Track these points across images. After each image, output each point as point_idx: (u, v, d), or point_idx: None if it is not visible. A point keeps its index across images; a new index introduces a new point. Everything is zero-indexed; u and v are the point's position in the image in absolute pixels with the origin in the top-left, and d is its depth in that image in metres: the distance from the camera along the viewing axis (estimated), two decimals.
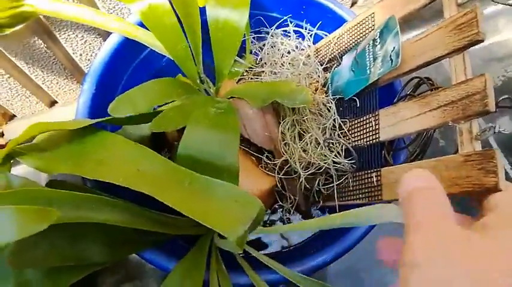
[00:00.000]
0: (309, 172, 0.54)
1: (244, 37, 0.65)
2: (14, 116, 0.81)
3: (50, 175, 0.50)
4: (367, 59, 0.51)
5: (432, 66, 0.46)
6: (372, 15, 0.54)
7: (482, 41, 0.39)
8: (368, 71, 0.50)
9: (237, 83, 0.66)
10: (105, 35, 0.71)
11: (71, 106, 0.82)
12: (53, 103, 0.83)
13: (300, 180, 0.54)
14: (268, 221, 0.62)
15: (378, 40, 0.49)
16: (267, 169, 0.57)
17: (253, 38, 0.67)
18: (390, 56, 0.46)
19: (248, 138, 0.57)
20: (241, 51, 0.66)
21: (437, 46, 0.43)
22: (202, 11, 0.60)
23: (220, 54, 0.60)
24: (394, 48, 0.46)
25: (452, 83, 0.41)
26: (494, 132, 0.38)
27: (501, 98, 0.39)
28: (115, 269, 0.70)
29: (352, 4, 0.90)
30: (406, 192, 0.32)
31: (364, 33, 0.55)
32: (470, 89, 0.38)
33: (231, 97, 0.58)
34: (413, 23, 0.92)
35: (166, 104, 0.56)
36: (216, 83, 0.63)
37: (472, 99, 0.38)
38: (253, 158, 0.58)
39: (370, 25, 0.54)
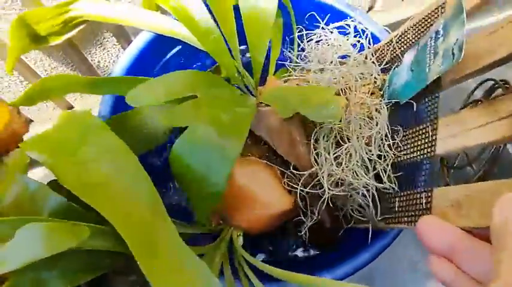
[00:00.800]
0: (338, 190, 0.45)
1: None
2: (31, 121, 0.80)
3: None
4: (428, 55, 0.42)
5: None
6: (443, 5, 0.45)
7: None
8: (427, 69, 0.41)
9: (285, 82, 0.58)
10: (123, 42, 0.70)
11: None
12: (69, 108, 0.81)
13: (324, 197, 0.45)
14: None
15: (441, 32, 0.40)
16: (290, 183, 0.49)
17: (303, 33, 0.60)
18: (452, 49, 0.37)
19: (275, 149, 0.49)
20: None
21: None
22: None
23: (253, 41, 0.54)
24: (457, 40, 0.37)
25: None
26: None
27: None
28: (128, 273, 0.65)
29: (369, 9, 0.84)
30: (501, 223, 0.27)
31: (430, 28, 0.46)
32: None
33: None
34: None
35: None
36: (253, 74, 0.56)
37: None
38: (278, 172, 0.51)
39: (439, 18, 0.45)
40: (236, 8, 0.54)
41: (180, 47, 0.60)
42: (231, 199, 0.48)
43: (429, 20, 0.47)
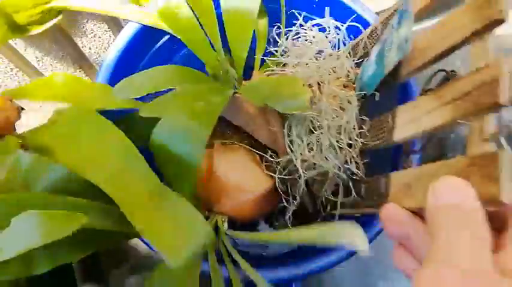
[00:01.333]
0: (313, 174, 0.48)
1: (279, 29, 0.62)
2: (22, 109, 0.81)
3: None
4: (387, 49, 0.45)
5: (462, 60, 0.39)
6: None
7: (503, 21, 0.32)
8: (385, 61, 0.44)
9: (267, 76, 0.61)
10: (114, 28, 0.71)
11: None
12: None
13: (301, 180, 0.48)
14: (277, 223, 0.59)
15: (395, 27, 0.43)
16: (270, 169, 0.52)
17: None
18: (403, 42, 0.40)
19: (252, 135, 0.52)
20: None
21: (457, 31, 0.36)
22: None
23: (233, 37, 0.57)
24: (405, 33, 0.40)
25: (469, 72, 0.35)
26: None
27: None
28: (122, 259, 0.67)
29: None
30: (433, 207, 0.29)
31: None
32: (482, 76, 0.32)
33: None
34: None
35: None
36: (236, 69, 0.59)
37: (483, 90, 0.31)
38: (257, 156, 0.54)
39: None
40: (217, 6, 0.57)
41: (169, 36, 0.61)
42: (215, 186, 0.51)
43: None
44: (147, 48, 0.61)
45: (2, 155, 0.41)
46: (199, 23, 0.57)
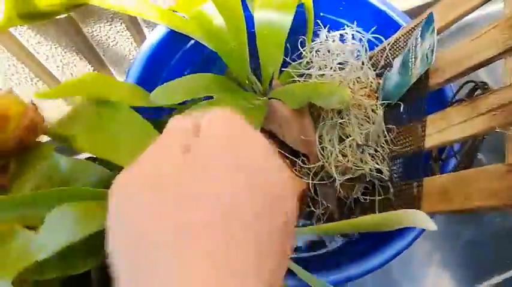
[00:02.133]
0: (346, 178, 0.50)
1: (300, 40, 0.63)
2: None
3: None
4: (410, 60, 0.47)
5: (486, 73, 0.42)
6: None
7: None
8: (410, 72, 0.47)
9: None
10: (136, 36, 0.71)
11: None
12: None
13: (335, 185, 0.51)
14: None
15: (419, 39, 0.46)
16: (301, 173, 0.54)
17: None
18: (426, 54, 0.43)
19: (283, 141, 0.54)
20: (299, 55, 0.64)
21: (491, 46, 0.39)
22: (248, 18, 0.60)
23: (264, 52, 0.59)
24: (429, 46, 0.43)
25: (506, 85, 0.37)
26: None
27: None
28: None
29: None
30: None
31: None
32: None
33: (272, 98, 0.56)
34: None
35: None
36: (262, 82, 0.61)
37: None
38: (287, 161, 0.55)
39: None
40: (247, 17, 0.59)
41: (194, 41, 0.62)
42: None
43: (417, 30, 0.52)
44: (173, 51, 0.63)
45: (38, 161, 0.43)
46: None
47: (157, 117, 0.53)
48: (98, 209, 0.35)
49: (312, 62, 0.62)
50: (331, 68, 0.59)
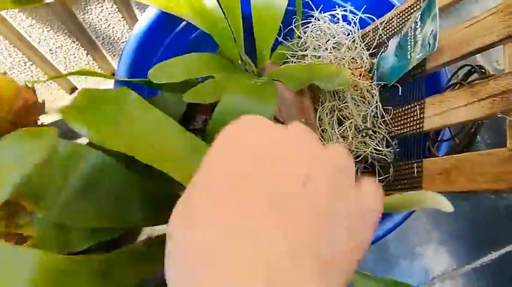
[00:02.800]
0: None
1: (293, 20, 0.64)
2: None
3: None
4: (409, 43, 0.48)
5: (481, 56, 0.43)
6: None
7: None
8: (408, 56, 0.48)
9: (281, 66, 0.64)
10: (127, 18, 0.71)
11: None
12: (73, 89, 0.83)
13: None
14: None
15: (419, 23, 0.47)
16: None
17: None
18: (428, 39, 0.44)
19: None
20: (289, 35, 0.65)
21: (491, 32, 0.40)
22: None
23: (261, 34, 0.60)
24: (432, 31, 0.44)
25: (505, 71, 0.39)
26: None
27: None
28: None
29: None
30: None
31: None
32: None
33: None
34: None
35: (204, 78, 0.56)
36: (257, 63, 0.61)
37: None
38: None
39: (420, 8, 0.52)
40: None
41: (185, 23, 0.63)
42: None
43: (412, 10, 0.53)
44: (165, 33, 0.63)
45: (39, 140, 0.43)
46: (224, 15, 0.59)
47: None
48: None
49: (305, 43, 0.63)
50: (326, 49, 0.60)
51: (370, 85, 0.55)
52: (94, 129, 0.40)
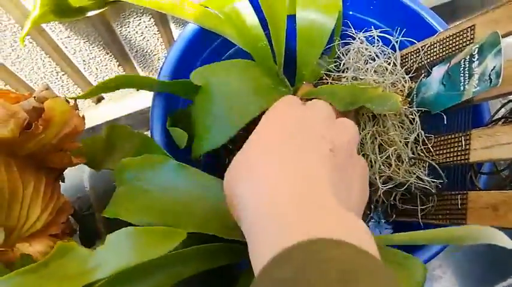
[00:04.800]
0: (388, 187, 0.51)
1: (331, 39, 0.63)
2: None
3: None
4: (461, 74, 0.48)
5: None
6: (472, 28, 0.51)
7: None
8: (462, 88, 0.47)
9: (314, 86, 0.63)
10: (163, 32, 0.71)
11: (116, 103, 0.82)
12: (99, 99, 0.83)
13: (378, 193, 0.52)
14: None
15: (476, 56, 0.46)
16: None
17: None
18: (490, 75, 0.43)
19: None
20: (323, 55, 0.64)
21: None
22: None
23: (304, 53, 0.60)
24: (494, 67, 0.43)
25: None
26: None
27: None
28: None
29: None
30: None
31: (459, 45, 0.52)
32: None
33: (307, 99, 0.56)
34: None
35: None
36: (295, 83, 0.61)
37: None
38: None
39: (468, 38, 0.51)
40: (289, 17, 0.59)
41: (221, 39, 0.62)
42: None
43: (457, 39, 0.53)
44: (202, 50, 0.63)
45: None
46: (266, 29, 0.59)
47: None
48: (159, 238, 0.36)
49: (343, 63, 0.62)
50: (365, 71, 0.60)
51: (410, 110, 0.55)
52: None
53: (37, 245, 0.48)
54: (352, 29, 0.64)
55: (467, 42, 0.51)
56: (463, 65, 0.48)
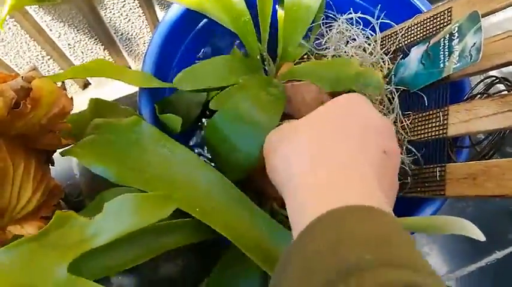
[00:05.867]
0: None
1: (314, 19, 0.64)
2: None
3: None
4: (441, 53, 0.50)
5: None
6: (449, 10, 0.53)
7: None
8: (441, 65, 0.50)
9: (294, 65, 0.65)
10: (148, 14, 0.72)
11: (103, 88, 0.82)
12: (86, 85, 0.84)
13: None
14: None
15: (456, 35, 0.48)
16: None
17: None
18: (470, 51, 0.45)
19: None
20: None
21: None
22: None
23: (290, 30, 0.61)
24: (474, 43, 0.45)
25: None
26: None
27: None
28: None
29: None
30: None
31: (436, 27, 0.54)
32: None
33: (290, 80, 0.58)
34: None
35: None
36: (278, 61, 0.62)
37: None
38: None
39: (445, 20, 0.53)
40: None
41: (207, 20, 0.63)
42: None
43: (435, 21, 0.55)
44: (187, 31, 0.63)
45: None
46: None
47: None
48: (157, 202, 0.37)
49: (325, 43, 0.64)
50: (345, 52, 0.61)
51: (389, 89, 0.57)
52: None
53: (29, 227, 0.48)
54: (335, 11, 0.65)
55: (444, 24, 0.53)
56: (442, 44, 0.50)
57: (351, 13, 0.65)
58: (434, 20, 0.55)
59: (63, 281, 0.33)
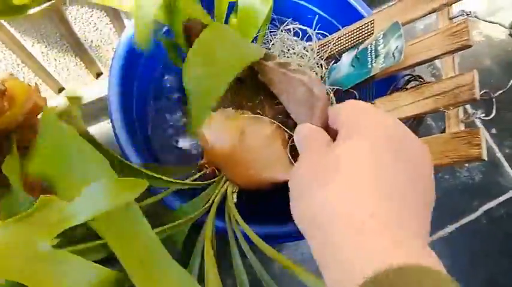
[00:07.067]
0: None
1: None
2: None
3: None
4: (369, 56, 0.60)
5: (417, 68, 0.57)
6: (372, 22, 0.65)
7: (471, 46, 0.50)
8: (369, 66, 0.60)
9: None
10: (115, 22, 0.78)
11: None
12: (60, 90, 0.89)
13: None
14: None
15: (381, 41, 0.59)
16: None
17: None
18: (393, 53, 0.56)
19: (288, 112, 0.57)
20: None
21: (435, 48, 0.54)
22: None
23: (243, 33, 0.68)
24: (397, 47, 0.56)
25: (443, 77, 0.53)
26: (477, 117, 0.49)
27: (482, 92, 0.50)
28: None
29: None
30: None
31: (362, 36, 0.66)
32: (460, 81, 0.49)
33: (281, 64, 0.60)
34: None
35: None
36: None
37: (462, 90, 0.49)
38: (287, 137, 0.58)
39: (368, 30, 0.65)
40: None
41: (167, 28, 0.67)
42: (232, 152, 0.55)
43: (360, 31, 0.66)
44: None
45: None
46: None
47: None
48: (125, 188, 0.41)
49: (269, 48, 0.74)
50: (288, 57, 0.72)
51: (326, 88, 0.67)
52: None
53: None
54: (282, 17, 0.76)
55: (368, 33, 0.65)
56: (370, 49, 0.61)
57: (288, 24, 0.75)
58: (361, 30, 0.67)
59: (46, 253, 0.37)
